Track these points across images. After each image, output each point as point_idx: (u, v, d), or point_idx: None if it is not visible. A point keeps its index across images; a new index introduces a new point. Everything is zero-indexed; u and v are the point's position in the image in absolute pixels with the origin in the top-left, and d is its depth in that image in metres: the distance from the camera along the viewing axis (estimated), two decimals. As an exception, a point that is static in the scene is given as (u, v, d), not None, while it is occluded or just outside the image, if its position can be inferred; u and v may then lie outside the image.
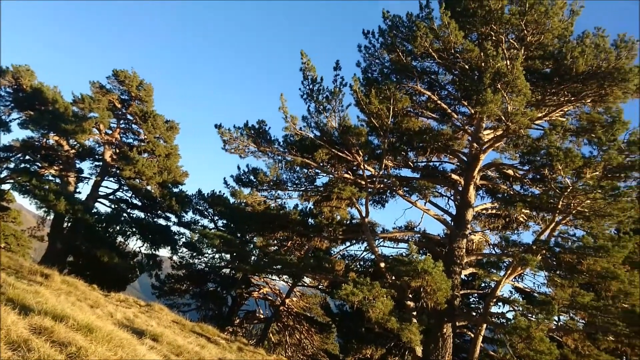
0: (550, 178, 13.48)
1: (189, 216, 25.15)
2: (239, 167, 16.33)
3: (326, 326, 23.91)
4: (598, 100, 13.74)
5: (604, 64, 12.72)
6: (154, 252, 24.34)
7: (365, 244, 17.16)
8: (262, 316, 25.44)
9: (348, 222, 17.19)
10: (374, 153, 15.29)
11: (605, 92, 13.25)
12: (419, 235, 17.03)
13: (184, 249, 23.61)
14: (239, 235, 21.83)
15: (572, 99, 14.04)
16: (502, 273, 15.69)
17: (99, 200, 25.03)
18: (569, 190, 12.70)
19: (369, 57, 15.90)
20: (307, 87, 14.06)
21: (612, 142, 12.40)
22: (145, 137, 25.71)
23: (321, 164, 14.94)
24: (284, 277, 22.70)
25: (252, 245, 20.64)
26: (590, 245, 12.56)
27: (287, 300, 24.57)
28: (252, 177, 15.89)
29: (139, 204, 25.72)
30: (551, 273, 14.59)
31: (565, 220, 13.73)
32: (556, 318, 14.42)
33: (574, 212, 13.24)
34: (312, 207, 18.07)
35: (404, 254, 14.14)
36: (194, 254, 22.53)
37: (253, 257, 18.97)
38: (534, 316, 12.51)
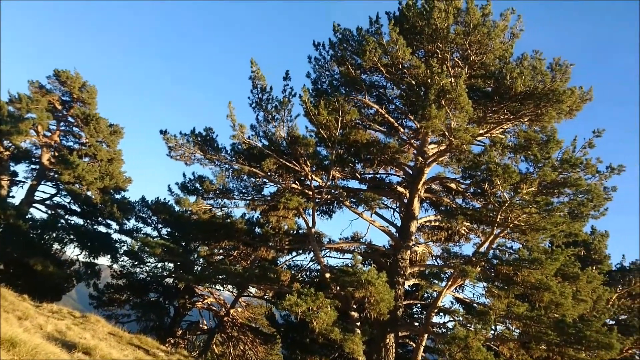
0: (489, 192, 14.00)
1: (131, 224, 24.31)
2: (184, 175, 16.01)
3: (271, 337, 23.64)
4: (535, 120, 14.45)
5: (540, 86, 13.41)
6: (92, 260, 23.30)
7: (311, 254, 17.14)
8: (205, 327, 24.84)
9: (295, 232, 17.16)
10: (322, 164, 15.38)
11: (541, 112, 13.96)
12: (364, 246, 17.23)
13: (125, 258, 22.73)
14: (183, 244, 21.31)
15: (511, 117, 14.69)
16: (443, 284, 16.08)
17: (34, 205, 23.77)
18: (506, 204, 13.23)
19: (319, 69, 16.06)
20: (256, 96, 14.01)
21: (546, 160, 13.05)
22: (87, 140, 24.72)
23: (269, 174, 14.86)
24: (229, 287, 22.32)
25: (196, 255, 20.17)
26: (525, 258, 13.12)
27: (231, 311, 24.14)
28: (197, 185, 15.60)
29: (78, 210, 24.61)
30: (489, 284, 15.11)
31: (503, 233, 14.26)
32: (493, 328, 14.94)
33: (511, 225, 13.79)
34: (260, 216, 17.94)
35: (349, 265, 14.23)
36: (135, 262, 21.75)
37: (197, 267, 18.56)
38: (472, 326, 12.90)
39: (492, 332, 14.62)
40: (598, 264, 19.89)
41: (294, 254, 18.21)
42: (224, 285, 20.64)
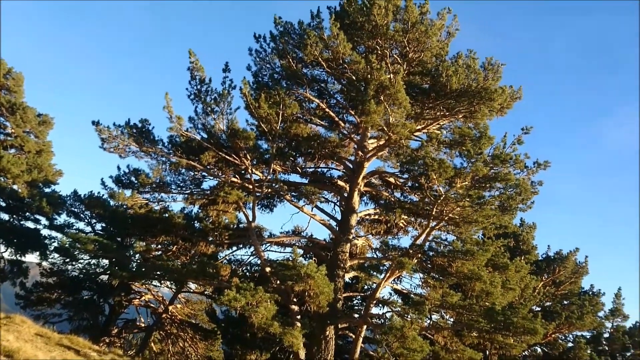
0: (426, 186, 14.42)
1: (62, 219, 23.12)
2: (119, 168, 15.40)
3: (211, 333, 23.29)
4: (469, 116, 15.01)
5: (473, 84, 13.94)
6: (19, 258, 22.02)
7: (252, 249, 17.04)
8: (143, 325, 24.10)
9: (235, 226, 16.94)
10: (263, 157, 15.29)
11: (475, 110, 14.51)
12: (305, 239, 17.31)
13: (56, 255, 21.61)
14: (119, 239, 20.54)
15: (447, 113, 15.18)
16: (382, 276, 16.43)
17: (-48, 200, 22.15)
18: (442, 198, 13.68)
19: (260, 62, 15.91)
20: (195, 88, 13.71)
21: (479, 155, 13.60)
22: (13, 131, 23.25)
23: (208, 167, 14.59)
24: (168, 283, 21.77)
25: (132, 251, 19.49)
26: (459, 249, 13.66)
27: (170, 308, 23.54)
28: (133, 179, 15.06)
29: (3, 204, 23.13)
30: (426, 275, 15.62)
31: (439, 225, 14.75)
32: (429, 317, 15.46)
33: (446, 218, 14.29)
34: (199, 210, 17.57)
35: (289, 259, 14.24)
36: (67, 259, 20.75)
37: (133, 263, 17.95)
38: (408, 316, 13.28)
39: (428, 321, 15.13)
40: (526, 254, 21.01)
41: (235, 248, 18.03)
42: (162, 282, 20.14)
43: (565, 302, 21.04)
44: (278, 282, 13.22)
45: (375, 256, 17.63)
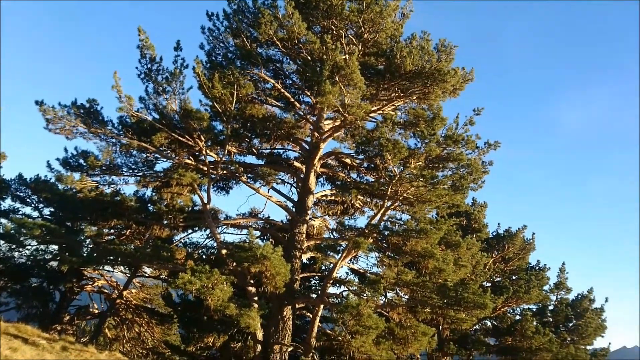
0: (381, 167, 14.58)
1: (7, 204, 22.10)
2: (66, 150, 14.78)
3: (168, 317, 23.00)
4: (422, 98, 15.22)
5: (427, 65, 14.11)
6: (-40, 246, 20.96)
7: (207, 231, 16.84)
8: (96, 311, 23.54)
9: (190, 209, 16.68)
10: (217, 139, 15.04)
11: (428, 91, 14.73)
12: (262, 221, 17.24)
13: (0, 241, 20.72)
14: (68, 224, 19.85)
15: (402, 95, 15.33)
16: (339, 256, 16.63)
17: None
18: (397, 178, 13.88)
19: (213, 40, 15.54)
20: (145, 66, 13.27)
21: (432, 136, 13.84)
22: (-50, 112, 21.90)
23: (161, 149, 14.23)
24: (122, 268, 21.28)
25: (83, 236, 18.89)
26: (413, 228, 13.95)
27: (125, 293, 23.06)
28: (81, 161, 14.51)
29: (-59, 190, 21.89)
30: (381, 254, 15.92)
31: (394, 205, 14.99)
32: (385, 295, 15.82)
33: (401, 198, 14.52)
34: (153, 193, 17.18)
35: (245, 241, 14.18)
36: (13, 246, 19.90)
37: (84, 248, 17.42)
38: (364, 294, 13.53)
39: (383, 299, 15.49)
40: (477, 232, 21.72)
41: (190, 231, 17.78)
42: (115, 267, 19.68)
43: (513, 277, 21.93)
44: (234, 264, 13.14)
45: (332, 237, 17.80)
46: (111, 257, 14.39)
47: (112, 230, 20.02)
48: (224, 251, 13.81)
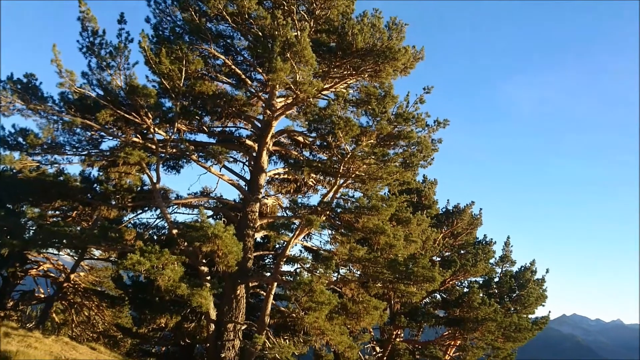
0: (334, 145, 14.65)
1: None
2: (3, 128, 13.95)
3: (119, 299, 22.52)
4: (374, 76, 15.28)
5: (378, 43, 14.14)
6: None
7: (158, 211, 16.49)
8: (42, 295, 22.76)
9: (139, 188, 16.25)
10: (166, 116, 14.64)
11: (380, 69, 14.80)
12: (214, 200, 17.02)
13: None
14: (8, 206, 18.93)
15: (354, 72, 15.35)
16: (292, 234, 16.69)
17: None
18: (349, 156, 13.99)
19: (160, 14, 14.98)
20: (87, 40, 12.65)
21: (383, 114, 13.99)
22: None
23: (106, 126, 13.72)
24: (68, 251, 20.57)
25: (25, 218, 18.09)
26: (365, 205, 14.13)
27: (72, 276, 22.37)
28: (20, 139, 13.77)
29: None
30: (334, 231, 16.09)
31: (346, 183, 15.12)
32: (338, 271, 16.05)
33: (353, 175, 14.66)
34: (99, 173, 16.60)
35: (197, 220, 14.01)
36: (-52, 230, 18.81)
37: (27, 231, 16.69)
38: (317, 271, 13.69)
39: (336, 275, 15.71)
40: (428, 209, 22.28)
41: (140, 211, 17.33)
42: (61, 250, 18.99)
43: (461, 252, 22.73)
44: (186, 243, 12.97)
45: (285, 215, 17.81)
46: (56, 240, 13.85)
47: (56, 212, 19.28)
48: (175, 231, 13.59)
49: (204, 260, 13.97)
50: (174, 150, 15.15)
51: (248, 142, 16.63)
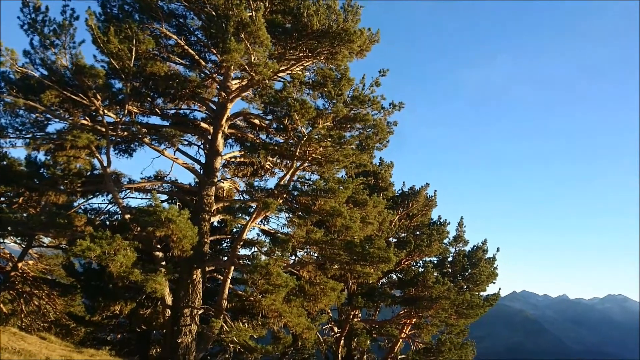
0: (290, 128, 14.58)
1: None
2: (-62, 110, 13.18)
3: (70, 287, 21.87)
4: (330, 58, 15.22)
5: (334, 25, 14.07)
6: None
7: (110, 196, 16.01)
8: (-12, 285, 21.83)
9: (89, 173, 15.71)
10: (116, 98, 14.15)
11: (336, 51, 14.74)
12: (169, 184, 16.68)
13: None
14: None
15: (310, 54, 15.23)
16: (249, 217, 16.59)
17: None
18: (305, 138, 13.96)
19: (108, -10, 14.35)
20: (29, 17, 12.02)
21: (339, 97, 14.02)
22: None
23: (52, 108, 13.13)
24: (15, 238, 19.76)
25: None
26: (321, 188, 14.18)
27: (20, 265, 21.53)
28: (-42, 122, 13.04)
29: None
30: (291, 214, 16.09)
31: (303, 166, 15.13)
32: (295, 254, 16.12)
33: (309, 158, 14.67)
34: (46, 157, 15.93)
35: (152, 205, 13.71)
36: None
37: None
38: (275, 254, 13.70)
39: (294, 258, 15.79)
40: (384, 191, 22.59)
41: (91, 196, 16.78)
42: (6, 237, 18.22)
43: (417, 233, 23.23)
44: (139, 229, 12.68)
45: (242, 198, 17.67)
46: (0, 227, 13.27)
47: (1, 198, 18.45)
48: (127, 216, 13.27)
49: (158, 246, 13.73)
50: (126, 133, 14.71)
51: (203, 124, 16.32)
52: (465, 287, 22.20)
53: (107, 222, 16.77)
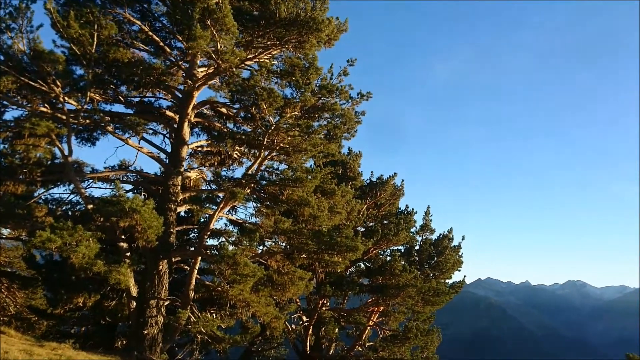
0: (258, 117, 14.48)
1: None
2: None
3: (31, 280, 21.23)
4: (298, 47, 15.11)
5: (302, 13, 13.97)
6: None
7: (72, 186, 15.57)
8: (-57, 279, 21.02)
9: (49, 162, 15.21)
10: (78, 85, 13.72)
11: (304, 40, 14.64)
12: (134, 174, 16.33)
13: None
14: None
15: (277, 43, 15.09)
16: (216, 207, 16.43)
17: None
18: (273, 127, 13.89)
19: (67, -27, 13.83)
20: (-18, -1, 11.48)
21: (307, 86, 13.96)
22: None
23: (8, 95, 12.64)
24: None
25: None
26: (289, 177, 14.18)
27: (-23, 257, 20.82)
28: None
29: None
30: (259, 204, 16.03)
31: (271, 155, 15.05)
32: (263, 244, 16.08)
33: (277, 147, 14.60)
34: (4, 146, 15.35)
35: (115, 195, 13.41)
36: None
37: None
38: (242, 244, 13.63)
39: (262, 247, 15.74)
40: (353, 180, 22.72)
41: (51, 186, 16.28)
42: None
43: (385, 222, 23.48)
44: (102, 219, 12.39)
45: (209, 188, 17.48)
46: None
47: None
48: (90, 206, 12.95)
49: (122, 236, 13.46)
50: (88, 121, 14.29)
51: (168, 113, 16.01)
52: (431, 275, 22.61)
53: (69, 213, 16.32)
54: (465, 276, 23.62)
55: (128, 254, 13.31)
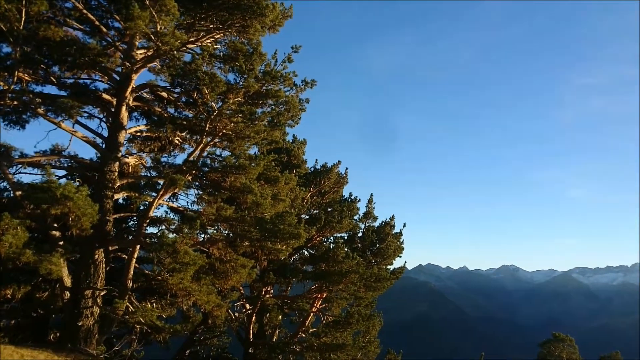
0: (200, 102, 14.13)
1: None
2: None
3: (-46, 272, 19.96)
4: (242, 31, 14.85)
5: (245, -4, 13.73)
6: None
7: (-2, 172, 14.64)
8: None
9: (-27, 146, 14.24)
10: (4, 64, 12.88)
11: (247, 24, 14.40)
12: (67, 159, 15.55)
13: None
14: None
15: (220, 27, 14.75)
16: (156, 194, 15.98)
17: None
18: (215, 113, 13.62)
19: (-9, -58, 12.84)
20: None
21: (251, 71, 13.76)
22: None
23: None
24: None
25: None
26: (232, 164, 14.01)
27: None
28: None
29: None
30: (201, 191, 15.74)
31: (213, 141, 14.77)
32: (205, 232, 15.82)
33: (220, 134, 14.35)
34: None
35: (46, 181, 12.74)
36: None
37: None
38: (183, 232, 13.36)
39: (203, 235, 15.50)
40: (297, 168, 22.72)
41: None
42: None
43: (329, 209, 23.69)
44: (31, 206, 11.75)
45: (148, 175, 16.94)
46: None
47: None
48: (18, 193, 12.25)
49: (55, 224, 12.84)
50: (16, 102, 13.45)
51: (105, 96, 15.31)
52: (373, 261, 23.10)
53: (-4, 200, 15.38)
54: (406, 262, 24.30)
55: (61, 242, 12.73)
